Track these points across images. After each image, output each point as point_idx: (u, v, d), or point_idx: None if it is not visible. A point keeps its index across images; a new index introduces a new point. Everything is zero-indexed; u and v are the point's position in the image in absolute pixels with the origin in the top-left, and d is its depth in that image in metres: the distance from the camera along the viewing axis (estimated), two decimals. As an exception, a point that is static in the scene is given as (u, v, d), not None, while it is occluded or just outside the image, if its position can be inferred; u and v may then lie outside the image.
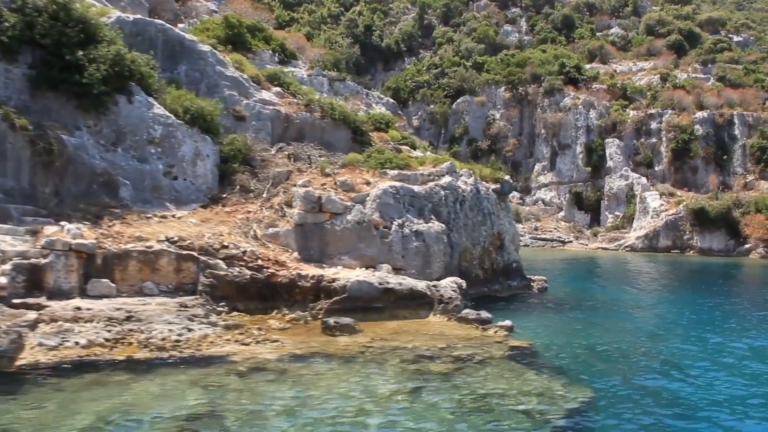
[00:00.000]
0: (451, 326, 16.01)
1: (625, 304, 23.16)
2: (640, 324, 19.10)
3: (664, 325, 19.28)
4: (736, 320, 20.44)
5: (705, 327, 19.09)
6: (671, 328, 18.65)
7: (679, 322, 20.15)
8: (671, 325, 19.40)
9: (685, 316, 21.31)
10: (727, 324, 19.77)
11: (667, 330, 18.31)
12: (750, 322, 20.08)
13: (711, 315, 21.45)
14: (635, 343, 16.20)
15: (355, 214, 18.85)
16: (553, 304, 21.58)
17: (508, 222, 23.57)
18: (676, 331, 18.31)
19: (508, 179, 23.94)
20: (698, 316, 20.99)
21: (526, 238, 57.03)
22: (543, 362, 13.50)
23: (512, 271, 23.17)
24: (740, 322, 20.18)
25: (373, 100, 32.49)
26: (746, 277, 39.64)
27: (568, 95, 64.70)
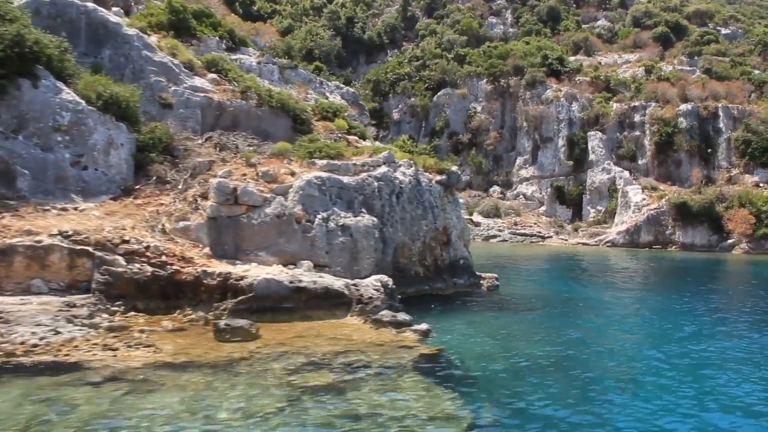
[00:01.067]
0: (363, 329, 14.70)
1: (586, 304, 21.60)
2: (591, 329, 17.26)
3: (619, 331, 17.45)
4: (707, 326, 18.44)
5: (667, 335, 17.04)
6: (626, 336, 16.73)
7: (639, 327, 18.27)
8: (628, 331, 17.47)
9: (649, 320, 19.42)
10: (693, 330, 17.70)
11: (620, 338, 16.46)
12: (722, 330, 17.98)
13: (678, 319, 19.39)
14: (573, 353, 14.34)
15: (275, 207, 17.52)
16: (498, 305, 20.21)
17: (456, 216, 22.22)
18: (631, 339, 16.40)
19: (455, 170, 22.53)
20: (663, 321, 19.00)
21: (505, 234, 55.88)
22: (450, 373, 12.11)
23: (459, 269, 21.84)
24: (711, 327, 18.21)
25: (327, 89, 31.11)
26: (726, 274, 38.21)
27: (550, 87, 63.33)
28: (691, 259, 45.87)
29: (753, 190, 54.64)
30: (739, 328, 18.05)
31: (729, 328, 18.14)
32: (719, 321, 19.18)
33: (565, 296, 23.71)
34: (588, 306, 21.35)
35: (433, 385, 11.23)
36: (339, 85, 34.71)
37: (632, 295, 25.29)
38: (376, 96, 69.14)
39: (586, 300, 22.87)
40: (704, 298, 24.62)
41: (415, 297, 20.00)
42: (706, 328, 18.01)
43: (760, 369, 13.34)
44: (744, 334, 17.20)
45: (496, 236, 55.42)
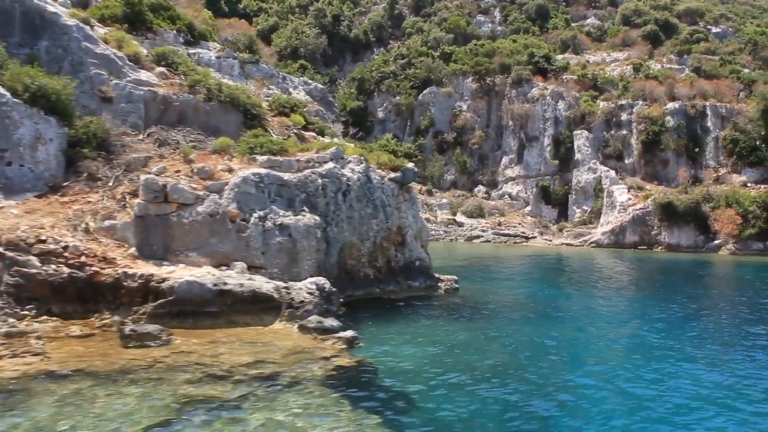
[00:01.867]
0: (288, 336, 13.77)
1: (553, 309, 20.46)
2: (552, 338, 15.86)
3: (583, 339, 16.15)
4: (677, 338, 16.75)
5: (635, 347, 15.49)
6: (589, 346, 15.45)
7: (606, 336, 16.70)
8: (593, 341, 16.06)
9: (619, 328, 17.94)
10: (661, 343, 16.02)
11: (583, 348, 15.25)
12: (695, 341, 16.41)
13: (650, 328, 17.76)
14: (522, 365, 13.02)
15: (208, 205, 16.57)
16: (451, 310, 19.17)
17: (413, 215, 21.27)
18: (595, 350, 15.09)
19: (411, 167, 21.55)
20: (635, 330, 17.52)
21: (489, 234, 54.96)
22: (366, 389, 11.06)
23: (414, 271, 20.89)
24: (680, 336, 16.83)
25: (291, 84, 30.17)
26: (709, 277, 36.93)
27: (537, 86, 62.40)
28: (675, 260, 44.94)
29: (740, 190, 53.72)
30: (712, 345, 16.34)
31: (701, 343, 16.48)
32: (692, 333, 17.69)
33: (533, 300, 22.60)
34: (556, 311, 20.24)
35: (342, 401, 10.26)
36: (307, 81, 33.80)
37: (607, 299, 24.04)
38: (361, 95, 68.19)
39: (554, 304, 21.79)
40: (681, 303, 23.23)
41: (364, 300, 19.11)
42: (675, 342, 16.35)
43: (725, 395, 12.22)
44: (718, 356, 15.02)
45: (479, 237, 54.49)
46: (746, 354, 14.88)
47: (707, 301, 24.88)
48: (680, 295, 25.15)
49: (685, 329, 17.90)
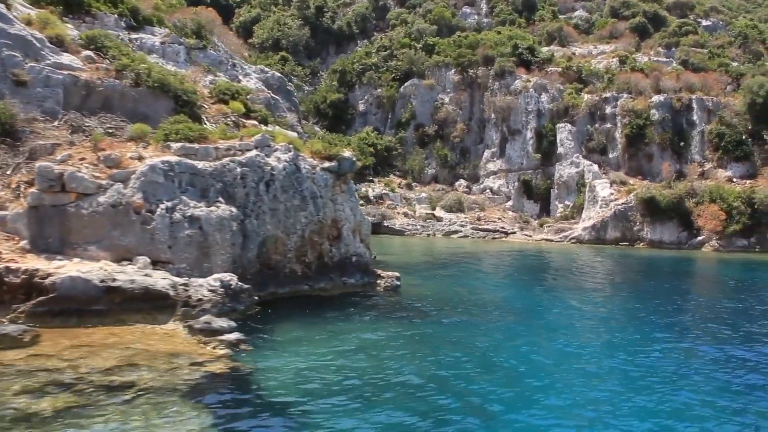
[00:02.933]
0: (173, 337, 12.57)
1: (504, 310, 19.05)
2: (486, 343, 14.44)
3: (519, 346, 14.61)
4: (641, 345, 15.26)
5: (580, 355, 14.12)
6: (525, 354, 14.00)
7: (550, 342, 15.22)
8: (533, 347, 14.65)
9: (570, 333, 16.32)
10: (619, 351, 14.59)
11: (514, 357, 13.68)
12: (658, 351, 14.81)
13: (610, 331, 16.40)
14: (428, 382, 11.47)
15: (111, 195, 15.37)
16: (381, 310, 17.92)
17: (350, 208, 20.05)
18: (530, 359, 13.55)
19: (348, 156, 20.28)
20: (588, 336, 16.09)
21: (467, 229, 53.72)
22: (226, 402, 9.83)
23: (350, 267, 19.70)
24: (641, 345, 15.33)
25: (240, 71, 28.89)
26: (688, 275, 35.52)
27: (520, 78, 61.04)
28: (656, 257, 43.69)
29: (725, 185, 52.48)
30: (676, 349, 15.21)
31: (663, 357, 14.75)
32: (656, 339, 16.26)
33: (489, 299, 21.15)
34: (510, 311, 18.90)
35: (186, 414, 9.03)
36: (264, 69, 32.54)
37: (572, 299, 22.47)
38: (342, 87, 66.83)
39: (512, 304, 20.46)
40: (652, 304, 21.71)
41: (289, 299, 17.92)
42: (640, 350, 14.89)
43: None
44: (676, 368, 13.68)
45: (457, 232, 53.23)
46: (705, 372, 13.42)
47: (678, 304, 23.23)
48: (651, 297, 23.74)
49: (648, 336, 16.48)
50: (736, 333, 16.77)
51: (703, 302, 23.34)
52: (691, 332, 16.82)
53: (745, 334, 16.64)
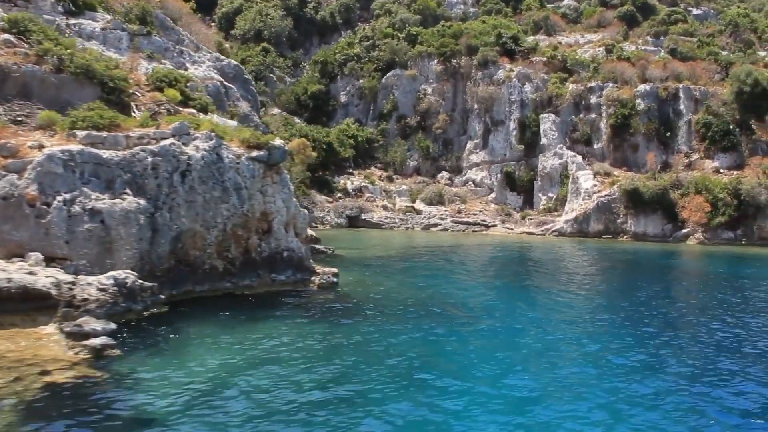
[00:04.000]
0: (42, 343, 11.41)
1: (453, 311, 17.59)
2: (414, 354, 12.96)
3: (454, 353, 13.36)
4: (593, 343, 13.98)
5: (526, 361, 12.86)
6: (461, 361, 12.66)
7: (495, 346, 13.89)
8: (473, 352, 13.35)
9: (523, 335, 14.97)
10: (575, 353, 13.26)
11: (439, 372, 12.01)
12: (619, 359, 13.32)
13: (563, 338, 14.79)
14: (326, 403, 9.99)
15: (2, 187, 14.22)
16: (308, 311, 16.60)
17: (283, 199, 18.87)
18: (457, 376, 11.81)
19: (279, 145, 19.06)
20: (544, 340, 14.68)
21: (447, 222, 52.59)
22: (58, 418, 8.67)
23: (281, 262, 18.53)
24: (600, 345, 14.02)
25: (188, 59, 27.68)
26: (668, 269, 33.87)
27: (503, 67, 59.72)
28: (638, 250, 42.46)
29: (711, 176, 51.25)
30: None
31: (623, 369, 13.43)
32: (618, 341, 14.86)
33: (440, 297, 19.59)
34: (458, 312, 17.38)
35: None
36: (219, 57, 31.24)
37: (534, 298, 21.17)
38: (324, 78, 65.57)
39: (462, 302, 18.94)
40: (620, 306, 19.90)
41: (207, 297, 16.77)
42: (590, 352, 13.61)
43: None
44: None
45: (436, 225, 52.09)
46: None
47: (651, 306, 20.89)
48: (621, 292, 22.49)
49: (609, 336, 15.19)
50: (712, 344, 15.44)
51: (680, 308, 21.08)
52: (661, 347, 15.20)
53: (732, 342, 15.22)
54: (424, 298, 19.50)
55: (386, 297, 19.47)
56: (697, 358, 13.40)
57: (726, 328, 16.35)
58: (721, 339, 15.21)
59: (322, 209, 50.61)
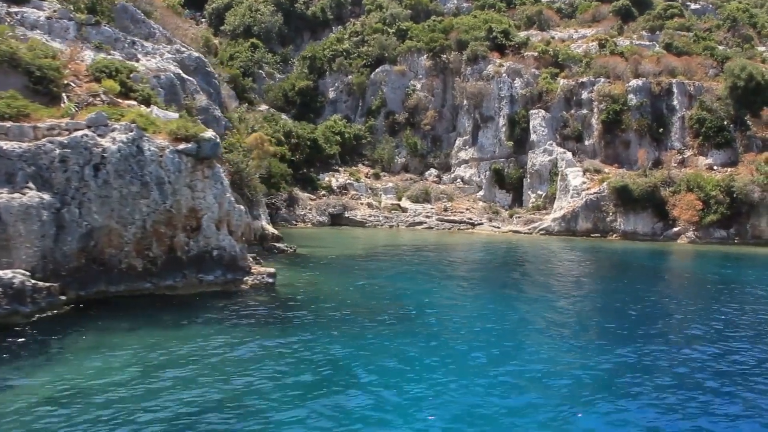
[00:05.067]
0: None
1: (391, 318, 16.30)
2: (328, 372, 11.75)
3: (376, 366, 12.14)
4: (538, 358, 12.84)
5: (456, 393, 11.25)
6: (371, 391, 11.17)
7: (416, 370, 12.32)
8: (406, 367, 12.17)
9: (461, 351, 13.50)
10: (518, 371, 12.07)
11: (357, 392, 10.94)
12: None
13: (510, 356, 13.45)
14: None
15: None
16: (229, 314, 15.60)
17: (215, 195, 17.86)
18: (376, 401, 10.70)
19: (210, 137, 18.00)
20: (476, 360, 13.19)
21: (433, 220, 51.50)
22: None
23: (210, 262, 17.52)
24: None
25: (140, 50, 26.68)
26: (653, 270, 32.44)
27: (493, 63, 58.50)
28: (627, 249, 41.17)
29: (704, 174, 49.91)
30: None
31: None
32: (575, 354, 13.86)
33: (391, 300, 18.51)
34: (403, 318, 16.21)
35: None
36: (179, 50, 30.24)
37: (497, 302, 19.73)
38: (312, 74, 64.56)
39: (414, 307, 17.64)
40: (591, 319, 18.12)
41: (127, 297, 15.79)
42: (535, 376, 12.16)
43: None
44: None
45: (422, 223, 50.99)
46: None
47: (628, 316, 19.17)
48: (595, 302, 20.80)
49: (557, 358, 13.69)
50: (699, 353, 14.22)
51: (661, 323, 18.47)
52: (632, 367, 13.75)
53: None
54: (371, 301, 18.46)
55: (327, 299, 18.42)
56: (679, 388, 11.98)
57: (708, 350, 14.55)
58: (701, 362, 13.64)
59: (304, 207, 49.60)
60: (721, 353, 13.67)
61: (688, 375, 12.14)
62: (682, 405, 10.43)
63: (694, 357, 13.47)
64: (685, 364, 12.88)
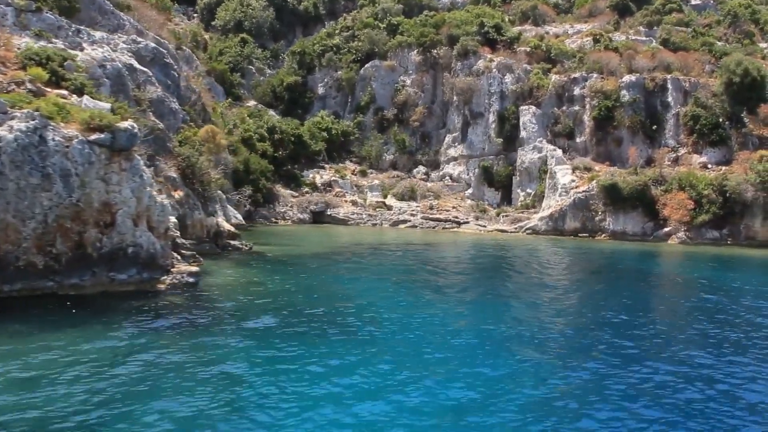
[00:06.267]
0: None
1: (322, 325, 15.06)
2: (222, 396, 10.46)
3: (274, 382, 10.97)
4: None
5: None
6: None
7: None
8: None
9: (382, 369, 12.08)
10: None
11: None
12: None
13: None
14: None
15: None
16: (131, 316, 14.53)
17: (132, 189, 16.79)
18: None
19: (126, 127, 16.89)
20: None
21: (417, 219, 50.33)
22: None
23: (124, 259, 16.45)
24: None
25: (85, 38, 25.67)
26: (643, 275, 30.01)
27: (484, 57, 57.19)
28: (615, 250, 39.67)
29: (697, 172, 48.38)
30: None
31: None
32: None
33: (319, 307, 16.93)
34: (334, 325, 14.97)
35: None
36: (136, 40, 29.25)
37: (450, 310, 18.17)
38: (302, 69, 63.51)
39: (349, 313, 16.38)
40: (551, 325, 16.51)
41: (27, 297, 14.76)
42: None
43: None
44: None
45: (406, 221, 49.81)
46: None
47: (598, 325, 17.29)
48: (569, 307, 19.23)
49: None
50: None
51: (643, 339, 16.17)
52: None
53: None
54: (305, 304, 17.23)
55: (254, 302, 17.29)
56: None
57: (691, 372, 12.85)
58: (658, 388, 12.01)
59: (285, 204, 48.56)
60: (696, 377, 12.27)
61: (636, 400, 10.86)
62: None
63: (655, 381, 11.95)
64: (638, 388, 11.49)
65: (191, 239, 24.83)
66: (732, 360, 13.41)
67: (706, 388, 11.47)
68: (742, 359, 13.45)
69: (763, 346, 14.70)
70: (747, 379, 12.08)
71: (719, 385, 11.68)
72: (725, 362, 13.19)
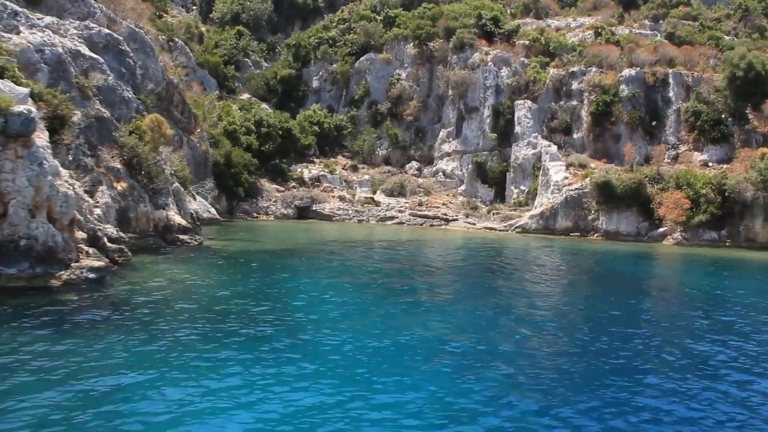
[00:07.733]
0: None
1: (246, 330, 13.80)
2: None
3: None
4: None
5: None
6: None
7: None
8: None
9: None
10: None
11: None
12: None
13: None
14: None
15: None
16: (7, 316, 13.51)
17: (28, 178, 15.71)
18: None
19: (20, 111, 15.80)
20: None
21: (405, 215, 49.02)
22: None
23: (14, 252, 15.36)
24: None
25: (23, 22, 24.65)
26: (634, 281, 27.31)
27: (480, 50, 55.63)
28: (607, 251, 37.50)
29: (696, 170, 46.45)
30: None
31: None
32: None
33: (247, 309, 15.54)
34: (257, 329, 13.71)
35: None
36: (88, 26, 28.23)
37: (389, 316, 16.56)
38: (297, 62, 62.40)
39: (277, 319, 14.88)
40: (523, 343, 14.79)
41: None
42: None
43: None
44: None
45: (393, 218, 48.52)
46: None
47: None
48: (550, 320, 16.49)
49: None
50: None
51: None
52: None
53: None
54: (233, 308, 15.78)
55: (170, 302, 15.99)
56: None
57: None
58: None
59: (269, 198, 47.48)
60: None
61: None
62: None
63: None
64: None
65: (134, 233, 23.81)
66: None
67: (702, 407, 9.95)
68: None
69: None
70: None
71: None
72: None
